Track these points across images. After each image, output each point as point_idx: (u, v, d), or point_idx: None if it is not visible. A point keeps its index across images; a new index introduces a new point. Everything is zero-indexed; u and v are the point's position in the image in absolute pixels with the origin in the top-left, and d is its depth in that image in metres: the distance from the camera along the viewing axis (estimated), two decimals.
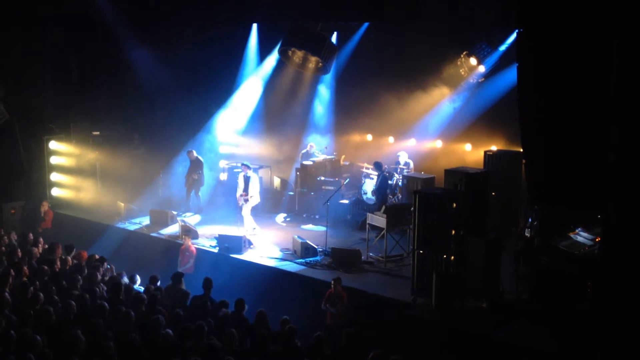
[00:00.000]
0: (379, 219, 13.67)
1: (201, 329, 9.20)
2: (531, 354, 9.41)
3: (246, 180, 15.37)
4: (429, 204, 11.06)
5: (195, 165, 17.45)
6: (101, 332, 9.18)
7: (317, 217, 16.64)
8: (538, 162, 9.53)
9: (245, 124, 19.79)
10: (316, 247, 13.96)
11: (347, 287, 11.90)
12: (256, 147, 19.78)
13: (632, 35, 8.19)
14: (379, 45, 17.35)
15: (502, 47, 15.59)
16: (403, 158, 16.76)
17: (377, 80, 17.24)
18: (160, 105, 18.96)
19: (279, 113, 19.18)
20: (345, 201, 16.42)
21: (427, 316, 10.59)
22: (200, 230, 15.47)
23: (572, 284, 10.14)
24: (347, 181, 16.31)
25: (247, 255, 14.10)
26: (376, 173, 16.94)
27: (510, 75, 14.66)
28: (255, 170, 16.87)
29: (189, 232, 14.94)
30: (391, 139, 18.50)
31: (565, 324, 9.75)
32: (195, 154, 17.54)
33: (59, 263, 12.59)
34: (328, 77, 18.36)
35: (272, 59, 18.90)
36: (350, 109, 18.38)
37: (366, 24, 17.38)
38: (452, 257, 10.90)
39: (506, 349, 9.62)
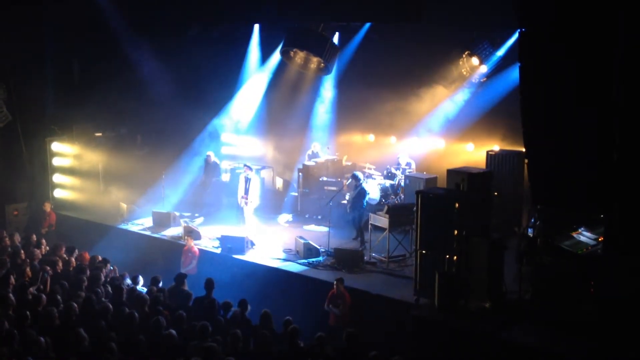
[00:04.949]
0: (381, 219, 13.67)
1: (205, 330, 9.21)
2: (534, 353, 9.40)
3: (247, 182, 15.37)
4: (432, 204, 11.05)
5: (214, 169, 17.48)
6: (104, 333, 9.19)
7: (319, 217, 16.65)
8: (541, 162, 9.52)
9: (247, 124, 19.82)
10: (319, 247, 13.96)
11: (350, 288, 11.90)
12: (258, 148, 19.80)
13: (635, 34, 8.18)
14: (380, 45, 17.33)
15: (505, 47, 15.58)
16: (403, 159, 16.77)
17: (379, 80, 17.22)
18: (164, 106, 18.97)
19: (281, 114, 19.18)
20: (344, 201, 16.40)
21: (430, 316, 10.58)
22: (203, 231, 15.47)
23: (574, 284, 10.13)
24: (349, 182, 16.29)
25: (250, 256, 14.11)
26: (378, 173, 16.97)
27: (512, 75, 14.67)
28: (258, 172, 16.86)
29: (191, 233, 14.95)
30: (393, 139, 18.49)
31: (567, 324, 9.74)
32: (213, 157, 17.60)
33: (61, 264, 12.61)
34: (330, 78, 18.36)
35: (274, 60, 18.91)
36: (352, 109, 18.36)
37: (368, 24, 17.37)
38: (455, 257, 10.89)
39: (509, 349, 9.61)
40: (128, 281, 11.92)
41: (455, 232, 10.85)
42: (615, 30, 8.28)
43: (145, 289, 11.65)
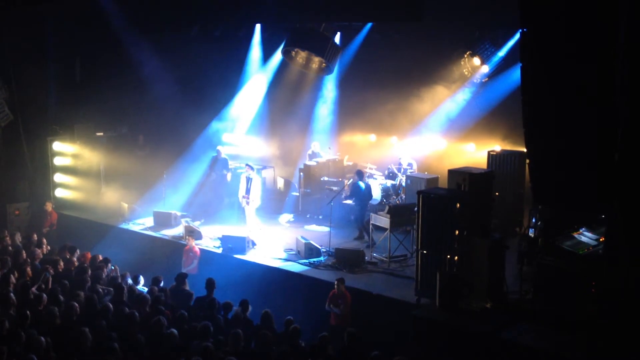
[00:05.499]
0: (382, 219, 13.66)
1: (206, 330, 9.22)
2: (535, 354, 9.40)
3: (248, 182, 15.38)
4: (433, 204, 11.05)
5: (223, 164, 17.52)
6: (105, 333, 9.20)
7: (320, 217, 16.65)
8: (542, 162, 9.51)
9: (249, 124, 19.82)
10: (320, 247, 13.96)
11: (351, 288, 11.90)
12: (260, 148, 19.80)
13: (637, 33, 8.17)
14: (382, 45, 17.34)
15: (506, 47, 15.57)
16: (405, 159, 16.77)
17: (380, 80, 17.22)
18: (165, 106, 18.97)
19: (283, 113, 19.19)
20: (349, 201, 16.41)
21: (431, 316, 10.57)
22: (204, 231, 15.47)
23: (575, 284, 10.12)
24: (350, 181, 16.30)
25: (251, 256, 14.11)
26: (380, 173, 16.97)
27: (514, 75, 14.66)
28: (259, 171, 16.86)
29: (192, 232, 14.96)
30: (395, 139, 18.48)
31: (569, 324, 9.73)
32: (223, 153, 17.68)
33: (62, 264, 12.62)
34: (332, 77, 18.35)
35: (276, 60, 18.91)
36: (354, 109, 18.37)
37: (369, 24, 17.37)
38: (456, 258, 10.89)
39: (510, 349, 9.60)
40: (129, 281, 11.93)
41: (457, 232, 10.85)
42: (616, 29, 8.27)
43: (146, 289, 11.66)
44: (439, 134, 17.34)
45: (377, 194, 16.08)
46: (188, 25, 18.34)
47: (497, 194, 13.16)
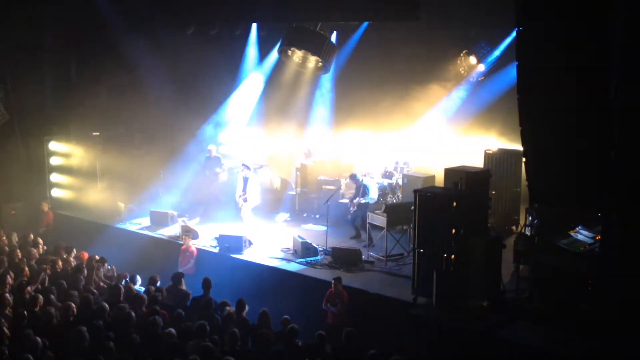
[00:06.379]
0: (379, 218, 13.67)
1: (203, 329, 9.21)
2: (532, 352, 9.41)
3: (245, 181, 15.36)
4: (430, 203, 11.05)
5: (216, 163, 17.49)
6: (101, 333, 9.19)
7: (317, 216, 16.64)
8: (538, 161, 9.53)
9: (245, 123, 19.80)
10: (317, 246, 13.95)
11: (348, 287, 11.90)
12: (256, 147, 19.77)
13: (633, 32, 8.18)
14: (378, 43, 17.34)
15: (502, 46, 15.60)
16: (401, 158, 16.78)
17: (377, 78, 17.24)
18: (161, 105, 18.93)
19: (279, 112, 19.18)
20: (346, 200, 16.41)
21: (427, 315, 10.59)
22: (201, 231, 15.45)
23: (572, 282, 10.14)
24: (347, 180, 16.29)
25: (248, 255, 14.10)
26: (377, 172, 16.97)
27: (510, 74, 14.67)
28: (255, 170, 16.86)
29: (189, 232, 14.94)
30: (391, 138, 18.47)
31: (565, 323, 9.75)
32: (214, 151, 17.63)
33: (60, 264, 12.61)
34: (328, 76, 18.35)
35: (272, 58, 18.90)
36: (350, 107, 18.38)
37: (366, 23, 17.37)
38: (453, 256, 10.89)
39: (507, 347, 9.61)
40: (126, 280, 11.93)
41: (453, 231, 10.85)
42: (614, 28, 8.29)
43: (143, 289, 11.65)
44: (435, 132, 17.35)
45: (374, 193, 16.08)
46: (185, 24, 18.30)
47: (493, 192, 13.19)
